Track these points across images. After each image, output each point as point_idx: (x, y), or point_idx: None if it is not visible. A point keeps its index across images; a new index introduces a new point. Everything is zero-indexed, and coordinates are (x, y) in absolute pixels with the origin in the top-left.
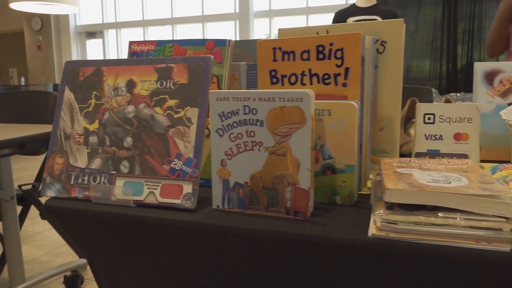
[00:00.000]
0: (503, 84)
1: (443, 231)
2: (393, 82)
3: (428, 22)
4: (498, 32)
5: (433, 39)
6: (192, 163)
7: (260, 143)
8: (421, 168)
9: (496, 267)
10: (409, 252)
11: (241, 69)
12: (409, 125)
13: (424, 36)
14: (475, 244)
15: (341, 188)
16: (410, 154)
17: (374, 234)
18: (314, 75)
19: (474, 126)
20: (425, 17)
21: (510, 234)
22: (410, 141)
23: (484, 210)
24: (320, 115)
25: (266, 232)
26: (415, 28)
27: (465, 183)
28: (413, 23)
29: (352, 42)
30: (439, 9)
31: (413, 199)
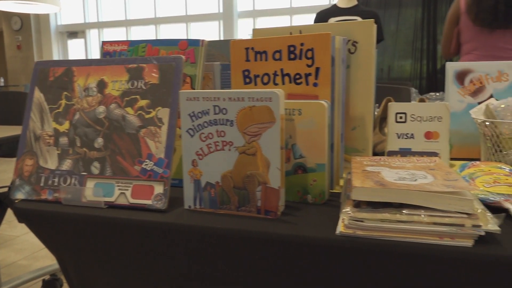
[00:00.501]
0: (474, 84)
1: (408, 227)
2: (365, 82)
3: (408, 22)
4: (447, 35)
5: (414, 40)
6: (163, 163)
7: (231, 143)
8: (390, 166)
9: (458, 262)
10: (375, 249)
11: (215, 69)
12: (385, 124)
13: (405, 36)
14: (438, 240)
15: (312, 187)
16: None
17: (341, 232)
18: (286, 75)
19: (444, 124)
20: (406, 18)
21: (472, 230)
22: (384, 140)
23: (447, 207)
24: (290, 115)
25: (237, 232)
26: (396, 29)
27: (430, 181)
28: (393, 24)
29: (322, 42)
30: (419, 10)
31: (379, 197)
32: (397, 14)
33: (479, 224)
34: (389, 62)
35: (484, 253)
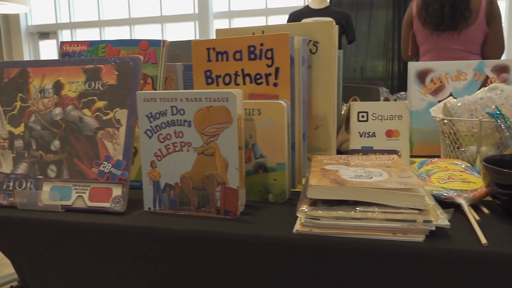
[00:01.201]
0: (434, 83)
1: (362, 224)
2: (326, 82)
3: (380, 23)
4: (404, 38)
5: (385, 40)
6: (121, 165)
7: (189, 144)
8: (349, 164)
9: (410, 256)
10: (331, 246)
11: (178, 69)
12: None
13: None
14: (391, 235)
15: (273, 186)
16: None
17: (298, 230)
18: (246, 75)
19: (404, 123)
20: (377, 19)
21: (423, 225)
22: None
23: (399, 203)
24: (250, 115)
25: (196, 233)
26: (368, 29)
27: (385, 178)
28: (366, 25)
29: (281, 42)
30: (390, 11)
31: (334, 195)
32: (369, 15)
33: (430, 220)
34: (362, 62)
35: (434, 247)
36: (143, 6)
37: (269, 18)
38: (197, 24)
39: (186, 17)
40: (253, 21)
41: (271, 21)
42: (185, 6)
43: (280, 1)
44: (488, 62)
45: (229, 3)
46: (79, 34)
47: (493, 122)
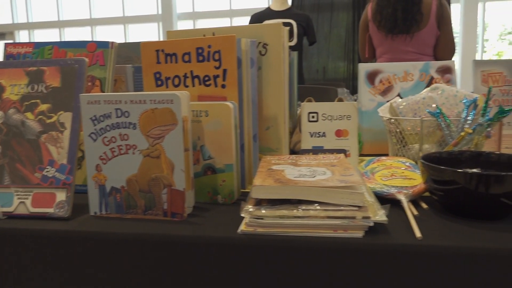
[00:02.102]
0: (383, 83)
1: (304, 222)
2: (276, 83)
3: (340, 25)
4: (361, 41)
5: (346, 42)
6: (65, 169)
7: (134, 146)
8: (296, 164)
9: (351, 252)
10: (275, 245)
11: (128, 71)
12: None
13: (338, 38)
14: (333, 232)
15: (222, 187)
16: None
17: (242, 230)
18: (195, 77)
19: (353, 123)
20: (338, 20)
21: (362, 221)
22: None
23: (340, 201)
24: (198, 116)
25: (143, 236)
26: (329, 31)
27: (327, 176)
28: (327, 27)
29: (228, 44)
30: (350, 13)
31: (277, 194)
32: (330, 17)
33: (369, 216)
34: (324, 64)
35: (372, 242)
36: (105, 6)
37: (233, 20)
38: (160, 25)
39: (150, 18)
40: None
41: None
42: (148, 7)
43: (245, 3)
44: (433, 63)
45: (193, 4)
46: (38, 35)
47: (434, 121)
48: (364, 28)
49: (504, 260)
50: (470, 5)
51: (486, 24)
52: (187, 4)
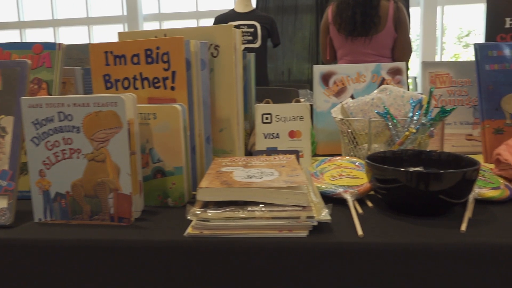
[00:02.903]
0: (337, 85)
1: (250, 224)
2: (228, 85)
3: (304, 27)
4: (322, 43)
5: (310, 44)
6: (7, 175)
7: (79, 150)
8: (246, 165)
9: (295, 251)
10: (221, 247)
11: (77, 74)
12: None
13: (302, 40)
14: (278, 233)
15: (172, 190)
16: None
17: (189, 233)
18: (145, 79)
19: (306, 124)
20: (302, 23)
21: (307, 221)
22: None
23: (284, 201)
24: (146, 119)
25: (89, 242)
26: (294, 33)
27: (274, 177)
28: (291, 28)
29: (176, 46)
30: (314, 16)
31: (223, 196)
32: (294, 19)
33: (313, 215)
34: (289, 65)
35: (316, 241)
36: (68, 7)
37: (200, 21)
38: (126, 26)
39: (115, 19)
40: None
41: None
42: (113, 8)
43: (211, 4)
44: (384, 65)
45: (159, 6)
46: None
47: (382, 121)
48: (325, 30)
49: (441, 255)
50: (429, 9)
51: (445, 27)
52: (153, 5)
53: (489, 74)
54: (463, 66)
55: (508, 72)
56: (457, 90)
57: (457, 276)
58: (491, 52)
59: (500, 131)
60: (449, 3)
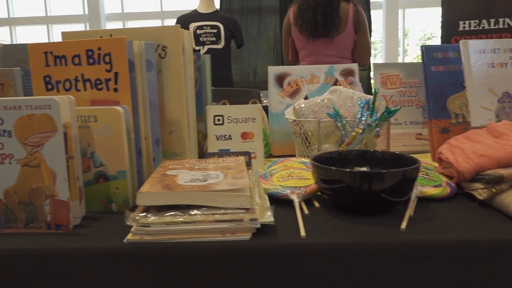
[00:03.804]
0: (291, 86)
1: (192, 228)
2: (177, 86)
3: (269, 28)
4: (284, 44)
5: (275, 45)
6: None
7: (11, 156)
8: (192, 168)
9: (239, 254)
10: (162, 253)
11: (16, 75)
12: None
13: (267, 41)
14: (221, 236)
15: (115, 195)
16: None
17: (128, 239)
18: (87, 80)
19: (258, 125)
20: (266, 24)
21: (250, 224)
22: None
23: (227, 204)
24: (86, 122)
25: (24, 251)
26: (258, 34)
27: (218, 180)
28: (256, 29)
29: (118, 46)
30: (278, 17)
31: (164, 200)
32: (258, 21)
33: (256, 218)
34: (254, 66)
35: (258, 243)
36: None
37: (165, 21)
38: (87, 26)
39: (75, 19)
40: (148, 24)
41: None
42: (73, 7)
43: (176, 5)
44: (337, 66)
45: (122, 5)
46: None
47: (332, 122)
48: (287, 31)
49: (381, 253)
50: (391, 12)
51: (407, 30)
52: (116, 5)
53: (435, 75)
54: (412, 68)
55: (453, 74)
56: (407, 91)
57: (398, 274)
58: (437, 54)
59: (446, 130)
60: (410, 6)
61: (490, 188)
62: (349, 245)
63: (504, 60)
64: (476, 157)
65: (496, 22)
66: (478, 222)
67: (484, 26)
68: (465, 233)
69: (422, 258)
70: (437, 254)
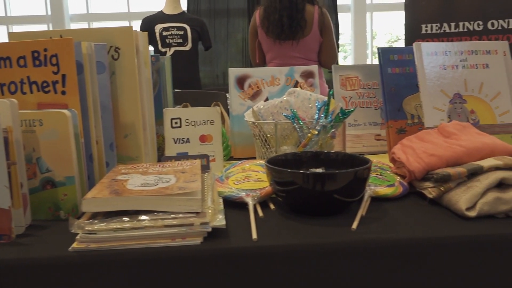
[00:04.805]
0: (252, 88)
1: (141, 234)
2: (131, 89)
3: (237, 30)
4: (251, 46)
5: (243, 47)
6: None
7: None
8: (146, 173)
9: (190, 260)
10: (110, 260)
11: None
12: None
13: (235, 44)
14: (171, 241)
15: (63, 202)
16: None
17: (74, 248)
18: (33, 83)
19: (216, 127)
20: (234, 26)
21: (200, 228)
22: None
23: (177, 208)
24: (31, 126)
25: None
26: (227, 36)
27: (169, 184)
28: (224, 32)
29: (65, 47)
30: (246, 19)
31: (111, 206)
32: (227, 23)
33: (207, 222)
34: (223, 69)
35: (209, 248)
36: None
37: (132, 23)
38: (50, 26)
39: (38, 19)
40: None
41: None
42: (35, 7)
43: (144, 6)
44: (298, 68)
45: (87, 5)
46: None
47: (290, 124)
48: (253, 34)
49: (332, 253)
50: (358, 14)
51: (375, 32)
52: (81, 5)
53: (391, 77)
54: (370, 70)
55: (409, 75)
56: (366, 93)
57: (349, 273)
58: (393, 56)
59: (403, 131)
60: (377, 9)
61: (439, 187)
62: (300, 246)
63: (455, 62)
64: (426, 156)
65: (457, 26)
66: (427, 220)
67: (445, 30)
68: (413, 231)
69: (371, 257)
70: (386, 253)
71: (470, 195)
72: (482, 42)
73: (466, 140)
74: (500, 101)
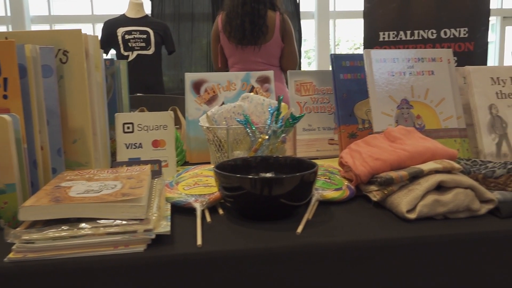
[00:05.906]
0: (208, 93)
1: (81, 242)
2: (80, 93)
3: (202, 35)
4: (213, 51)
5: (208, 51)
6: None
7: None
8: (91, 179)
9: (133, 268)
10: (48, 270)
11: None
12: None
13: (200, 48)
14: (113, 249)
15: (4, 210)
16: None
17: (10, 258)
18: None
19: (169, 132)
20: (199, 30)
21: (144, 235)
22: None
23: (120, 215)
24: None
25: None
26: (191, 40)
27: (113, 191)
28: (188, 36)
29: (6, 50)
30: (210, 24)
31: (50, 214)
32: (191, 27)
33: (150, 228)
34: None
35: (153, 255)
36: None
37: (96, 25)
38: (10, 28)
39: None
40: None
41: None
42: None
43: (108, 9)
44: (253, 73)
45: (49, 7)
46: None
47: (243, 129)
48: (216, 38)
49: (277, 258)
50: (322, 22)
51: (338, 39)
52: (43, 7)
53: (343, 83)
54: (324, 75)
55: (360, 81)
56: (320, 98)
57: (294, 277)
58: (345, 63)
59: (354, 135)
60: (340, 16)
61: (383, 190)
62: (243, 251)
63: (402, 69)
64: (371, 160)
65: (412, 34)
66: (370, 223)
67: (401, 37)
68: (355, 234)
69: (315, 260)
70: (329, 256)
71: (410, 198)
72: (428, 50)
73: (410, 144)
74: (444, 107)
